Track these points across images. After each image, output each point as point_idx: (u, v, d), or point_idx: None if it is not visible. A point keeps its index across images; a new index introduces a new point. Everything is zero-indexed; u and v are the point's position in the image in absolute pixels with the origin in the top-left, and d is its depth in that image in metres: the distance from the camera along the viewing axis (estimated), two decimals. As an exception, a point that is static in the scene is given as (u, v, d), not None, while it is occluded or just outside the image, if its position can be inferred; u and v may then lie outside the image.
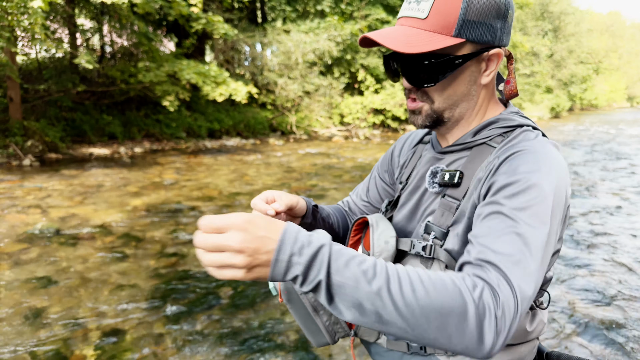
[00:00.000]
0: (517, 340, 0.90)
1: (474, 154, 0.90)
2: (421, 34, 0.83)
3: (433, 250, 0.88)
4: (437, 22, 0.83)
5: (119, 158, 10.64)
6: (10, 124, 9.94)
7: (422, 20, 0.84)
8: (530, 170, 0.76)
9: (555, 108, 34.41)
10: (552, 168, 0.78)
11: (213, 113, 14.77)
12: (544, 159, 0.79)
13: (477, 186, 0.84)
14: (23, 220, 5.40)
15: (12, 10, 7.79)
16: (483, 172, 0.85)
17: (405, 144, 1.16)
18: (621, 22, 62.93)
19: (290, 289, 0.97)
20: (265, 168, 9.70)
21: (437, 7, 0.83)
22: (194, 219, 5.68)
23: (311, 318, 0.98)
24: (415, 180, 1.02)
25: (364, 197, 1.24)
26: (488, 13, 0.84)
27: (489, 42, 0.86)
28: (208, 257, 0.63)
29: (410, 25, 0.85)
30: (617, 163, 11.12)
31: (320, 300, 0.65)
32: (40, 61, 12.38)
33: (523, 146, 0.82)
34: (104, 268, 4.09)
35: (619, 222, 5.85)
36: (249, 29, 16.29)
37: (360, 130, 17.78)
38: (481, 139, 0.91)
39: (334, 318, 0.98)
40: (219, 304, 3.50)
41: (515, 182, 0.76)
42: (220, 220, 0.63)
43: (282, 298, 0.98)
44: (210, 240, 0.63)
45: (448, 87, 0.89)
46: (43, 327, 3.06)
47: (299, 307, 0.98)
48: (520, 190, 0.75)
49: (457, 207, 0.87)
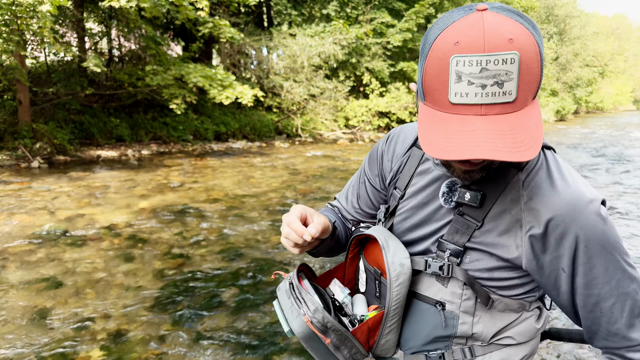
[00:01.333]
0: (529, 337, 0.94)
1: (493, 174, 0.85)
2: (515, 120, 0.69)
3: (451, 270, 0.87)
4: (525, 97, 0.69)
5: (127, 160, 10.72)
6: (19, 127, 10.05)
7: (512, 103, 0.69)
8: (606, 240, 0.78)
9: (560, 111, 34.24)
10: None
11: (219, 116, 14.85)
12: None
13: (518, 225, 0.82)
14: (31, 222, 5.46)
15: (21, 14, 7.90)
16: (518, 210, 0.82)
17: (397, 147, 1.06)
18: (627, 25, 62.54)
19: (312, 335, 0.93)
20: (271, 170, 9.73)
21: (523, 82, 0.68)
22: (200, 221, 5.72)
23: (332, 355, 0.96)
24: (421, 195, 0.96)
25: (355, 203, 1.17)
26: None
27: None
28: None
29: (497, 114, 0.69)
30: (624, 166, 11.04)
31: None
32: (49, 64, 12.51)
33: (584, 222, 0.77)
34: (110, 269, 4.12)
35: (626, 226, 5.81)
36: (255, 33, 16.38)
37: (366, 133, 17.79)
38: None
39: (355, 349, 0.95)
40: (224, 305, 3.52)
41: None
42: None
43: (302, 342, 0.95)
44: None
45: None
46: (49, 328, 3.09)
47: (319, 348, 0.95)
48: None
49: (477, 228, 0.86)
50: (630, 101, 61.81)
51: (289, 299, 0.96)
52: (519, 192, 0.82)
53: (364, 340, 0.97)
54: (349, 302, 1.05)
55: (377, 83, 18.50)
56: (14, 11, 7.76)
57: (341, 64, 17.60)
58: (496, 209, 0.84)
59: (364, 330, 0.96)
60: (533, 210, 0.80)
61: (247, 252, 4.66)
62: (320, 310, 0.91)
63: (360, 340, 0.96)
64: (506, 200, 0.83)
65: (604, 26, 57.64)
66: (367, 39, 17.31)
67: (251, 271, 4.19)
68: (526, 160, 0.73)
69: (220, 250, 4.72)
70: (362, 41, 17.09)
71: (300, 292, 0.95)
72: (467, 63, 0.67)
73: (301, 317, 0.92)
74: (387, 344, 0.98)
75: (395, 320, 0.95)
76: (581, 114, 44.66)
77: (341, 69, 18.06)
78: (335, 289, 1.06)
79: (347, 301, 1.05)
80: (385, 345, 0.98)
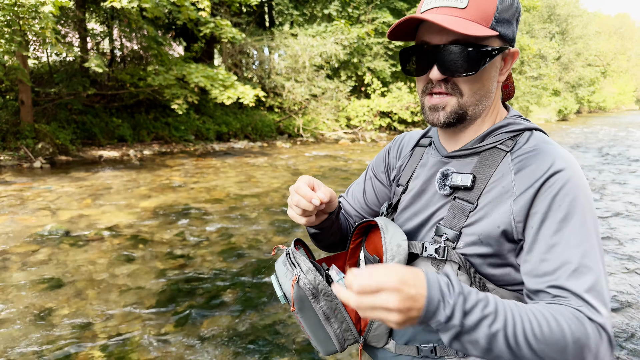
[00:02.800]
0: None
1: (485, 157, 0.91)
2: (462, 21, 0.83)
3: (446, 252, 0.88)
4: (476, 13, 0.83)
5: (128, 160, 10.74)
6: (22, 127, 10.07)
7: (462, 9, 0.83)
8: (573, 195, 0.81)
9: (562, 110, 34.18)
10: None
11: (221, 116, 14.87)
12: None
13: (508, 194, 0.84)
14: (33, 222, 5.47)
15: (23, 15, 7.92)
16: (509, 181, 0.85)
17: (402, 146, 1.14)
18: (630, 24, 62.33)
19: (303, 297, 0.95)
20: (272, 170, 9.73)
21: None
22: (201, 221, 5.72)
23: (322, 326, 0.97)
24: (419, 184, 1.00)
25: (360, 199, 1.21)
26: (512, 12, 0.87)
27: (511, 40, 0.88)
28: (363, 313, 0.70)
29: (448, 14, 0.84)
30: (627, 165, 11.00)
31: (442, 338, 0.72)
32: (51, 65, 12.54)
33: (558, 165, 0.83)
34: (112, 270, 4.12)
35: (630, 225, 5.79)
36: (256, 33, 16.38)
37: (367, 133, 17.77)
38: (490, 143, 0.91)
39: (345, 325, 0.97)
40: (226, 306, 3.52)
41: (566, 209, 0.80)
42: (372, 282, 0.68)
43: (294, 307, 0.97)
44: (365, 303, 0.68)
45: (479, 80, 0.88)
46: (51, 329, 3.09)
47: (310, 315, 0.97)
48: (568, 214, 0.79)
49: (472, 210, 0.88)
50: (632, 101, 61.64)
51: (285, 267, 0.99)
52: (509, 167, 0.87)
53: (355, 317, 0.98)
54: (344, 284, 1.05)
55: (378, 83, 18.49)
56: (16, 12, 7.78)
57: (343, 63, 17.59)
58: (489, 188, 0.87)
59: None
60: (520, 179, 0.84)
61: (248, 253, 4.66)
62: (313, 271, 0.94)
63: (352, 315, 0.98)
64: (497, 178, 0.87)
65: (607, 25, 57.48)
66: (368, 39, 17.29)
67: (253, 271, 4.19)
68: (447, 28, 0.81)
69: (222, 250, 4.72)
70: (363, 41, 17.08)
71: (296, 256, 0.98)
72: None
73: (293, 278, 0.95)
74: (380, 329, 0.98)
75: None
76: (583, 113, 44.54)
77: (343, 69, 18.05)
78: (332, 272, 1.08)
79: (342, 283, 1.05)
80: (377, 331, 0.98)
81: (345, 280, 0.71)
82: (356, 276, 0.68)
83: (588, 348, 0.71)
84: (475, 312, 0.70)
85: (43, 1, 7.71)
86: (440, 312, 0.69)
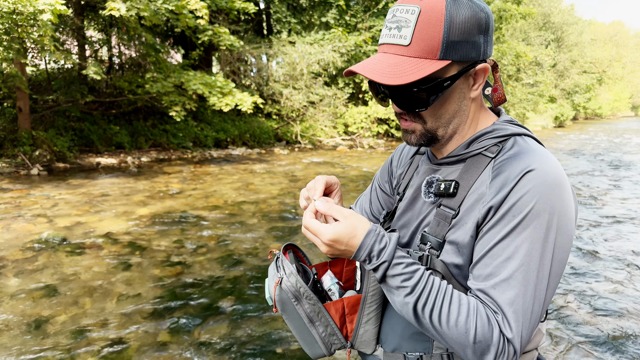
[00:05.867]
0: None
1: (469, 164, 0.91)
2: (406, 61, 0.81)
3: (429, 261, 0.88)
4: (420, 48, 0.81)
5: (126, 167, 10.72)
6: (19, 134, 10.06)
7: (406, 47, 0.82)
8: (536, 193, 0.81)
9: (559, 117, 34.38)
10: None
11: (219, 123, 14.89)
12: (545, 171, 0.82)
13: (481, 201, 0.84)
14: (30, 229, 5.45)
15: (22, 23, 7.95)
16: (485, 188, 0.85)
17: (403, 155, 1.16)
18: (625, 32, 62.94)
19: (286, 300, 0.97)
20: (271, 177, 9.73)
21: (419, 32, 0.80)
22: (199, 228, 5.71)
23: (307, 329, 0.98)
24: (411, 192, 1.01)
25: (367, 209, 1.23)
26: (470, 31, 0.82)
27: (475, 58, 0.85)
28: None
29: (393, 53, 0.84)
30: (623, 172, 11.05)
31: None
32: (50, 72, 12.56)
33: (526, 164, 0.82)
34: (109, 277, 4.11)
35: (625, 232, 5.81)
36: (254, 40, 16.47)
37: (365, 140, 17.82)
38: (475, 149, 0.91)
39: (330, 329, 0.98)
40: (223, 313, 3.50)
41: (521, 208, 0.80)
42: (314, 226, 0.87)
43: (276, 308, 0.99)
44: (306, 233, 0.89)
45: (439, 108, 0.88)
46: (47, 336, 3.07)
47: (294, 317, 0.98)
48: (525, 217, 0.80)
49: (453, 217, 0.88)
50: (628, 107, 62.03)
51: (273, 270, 1.04)
52: (488, 174, 0.86)
53: (339, 322, 1.00)
54: (336, 290, 1.07)
55: (376, 90, 18.54)
56: (14, 20, 7.81)
57: (340, 71, 17.68)
58: (470, 195, 0.87)
59: (339, 308, 0.99)
60: (493, 185, 0.84)
61: (246, 260, 4.65)
62: (294, 275, 0.97)
63: (335, 319, 0.99)
64: (478, 185, 0.87)
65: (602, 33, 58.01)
66: (366, 47, 17.39)
67: (250, 279, 4.18)
68: (387, 84, 0.83)
69: (219, 257, 4.71)
70: (361, 48, 17.17)
71: (283, 261, 1.02)
72: (389, 12, 0.86)
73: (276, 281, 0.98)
74: (366, 335, 0.99)
75: (374, 308, 0.97)
76: (580, 120, 44.80)
77: (340, 76, 18.13)
78: (325, 278, 1.09)
79: (334, 289, 1.07)
80: (364, 337, 0.99)
81: (315, 203, 0.89)
82: (317, 209, 0.89)
83: (489, 353, 0.77)
84: (395, 280, 0.82)
85: (42, 9, 7.74)
86: (367, 265, 0.84)
